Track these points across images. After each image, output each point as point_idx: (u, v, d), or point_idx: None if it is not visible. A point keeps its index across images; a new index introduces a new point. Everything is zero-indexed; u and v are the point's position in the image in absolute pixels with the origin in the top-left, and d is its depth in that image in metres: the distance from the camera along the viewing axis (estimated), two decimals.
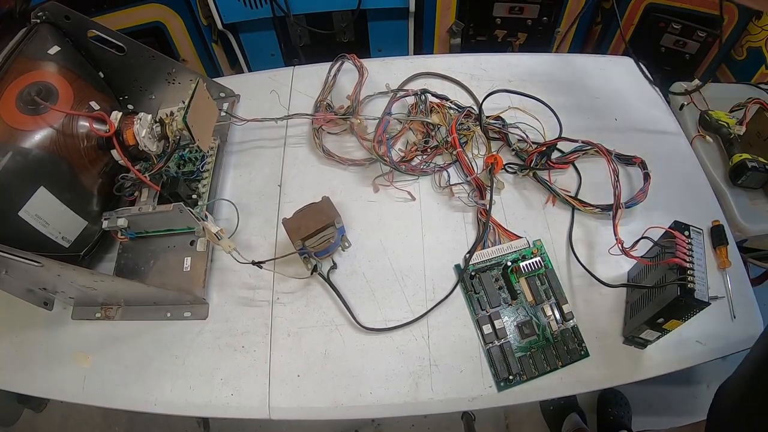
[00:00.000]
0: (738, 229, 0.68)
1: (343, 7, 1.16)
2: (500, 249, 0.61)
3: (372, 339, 0.57)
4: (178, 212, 0.57)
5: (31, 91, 0.53)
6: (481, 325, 0.57)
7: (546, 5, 1.15)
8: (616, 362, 0.55)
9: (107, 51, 0.65)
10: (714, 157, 0.74)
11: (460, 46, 1.26)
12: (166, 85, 0.71)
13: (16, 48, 0.55)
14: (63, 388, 0.57)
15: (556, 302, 0.58)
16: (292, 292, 0.61)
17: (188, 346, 0.58)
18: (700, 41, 1.10)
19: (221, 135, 0.73)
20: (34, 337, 0.60)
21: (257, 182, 0.70)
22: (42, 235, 0.53)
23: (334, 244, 0.59)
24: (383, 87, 0.77)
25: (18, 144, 0.51)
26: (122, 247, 0.64)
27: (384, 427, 1.12)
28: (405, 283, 0.61)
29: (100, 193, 0.60)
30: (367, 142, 0.71)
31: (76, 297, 0.59)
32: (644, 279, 0.56)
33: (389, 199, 0.68)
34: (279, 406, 0.54)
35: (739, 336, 0.57)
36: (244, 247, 0.64)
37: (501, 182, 0.68)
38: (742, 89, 0.83)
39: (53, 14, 0.60)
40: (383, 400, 0.54)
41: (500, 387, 0.54)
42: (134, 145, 0.58)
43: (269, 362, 0.56)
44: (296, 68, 0.83)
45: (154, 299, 0.59)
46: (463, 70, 0.81)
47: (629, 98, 0.78)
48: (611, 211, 0.62)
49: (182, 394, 0.55)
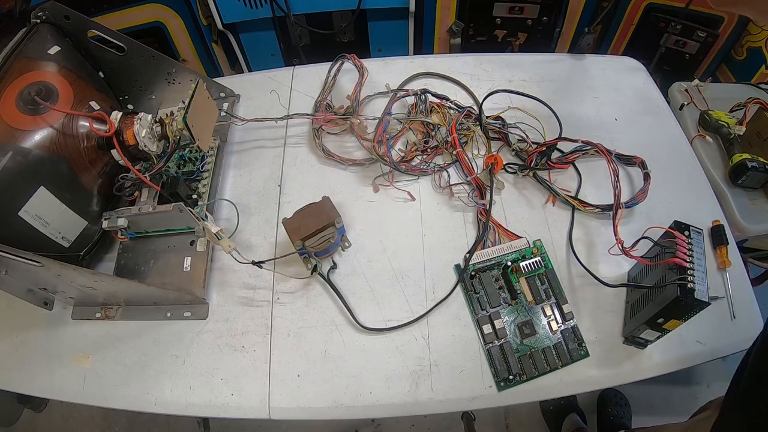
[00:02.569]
0: (738, 229, 0.68)
1: (343, 7, 1.16)
2: (500, 249, 0.61)
3: (372, 339, 0.57)
4: (178, 212, 0.57)
5: (31, 91, 0.53)
6: (481, 325, 0.57)
7: (546, 5, 1.15)
8: (616, 362, 0.55)
9: (107, 51, 0.65)
10: (714, 157, 0.74)
11: (460, 46, 1.26)
12: (166, 85, 0.71)
13: (16, 48, 0.55)
14: (63, 388, 0.57)
15: (556, 302, 0.58)
16: (292, 292, 0.61)
17: (188, 346, 0.58)
18: (700, 41, 1.10)
19: (221, 135, 0.73)
20: (34, 337, 0.60)
21: (257, 182, 0.70)
22: (42, 235, 0.53)
23: (334, 244, 0.59)
24: (383, 87, 0.77)
25: (18, 144, 0.51)
26: (122, 247, 0.64)
27: (384, 427, 1.12)
28: (405, 283, 0.61)
29: (100, 193, 0.60)
30: (367, 142, 0.71)
31: (76, 297, 0.59)
32: (644, 279, 0.56)
33: (389, 199, 0.68)
34: (279, 406, 0.54)
35: (739, 336, 0.57)
36: (244, 247, 0.64)
37: (501, 182, 0.68)
38: (742, 89, 0.84)
39: (53, 14, 0.60)
40: (383, 400, 0.54)
41: (500, 387, 0.54)
42: (134, 145, 0.58)
43: (269, 362, 0.56)
44: (296, 68, 0.83)
45: (154, 299, 0.59)
46: (463, 70, 0.81)
47: (629, 98, 0.78)
48: (611, 211, 0.62)
49: (182, 394, 0.55)
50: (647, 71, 0.82)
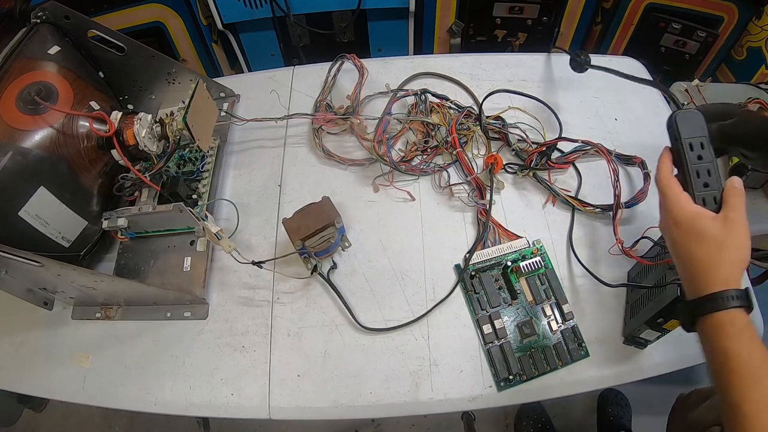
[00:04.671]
0: None
1: (343, 7, 1.16)
2: (500, 249, 0.61)
3: (372, 339, 0.57)
4: (178, 212, 0.57)
5: (31, 91, 0.53)
6: (481, 325, 0.57)
7: (546, 5, 1.15)
8: (616, 362, 0.55)
9: (107, 51, 0.65)
10: None
11: (460, 46, 1.26)
12: (166, 85, 0.71)
13: (16, 48, 0.55)
14: (63, 388, 0.57)
15: (556, 302, 0.58)
16: (292, 292, 0.61)
17: (188, 346, 0.58)
18: (700, 41, 1.10)
19: (221, 135, 0.73)
20: (34, 337, 0.60)
21: (257, 182, 0.70)
22: (42, 235, 0.53)
23: (334, 244, 0.59)
24: (383, 87, 0.77)
25: (18, 144, 0.51)
26: (122, 247, 0.64)
27: (384, 427, 1.12)
28: (405, 283, 0.61)
29: (100, 193, 0.60)
30: (367, 142, 0.71)
31: (76, 297, 0.59)
32: (644, 279, 0.56)
33: (389, 199, 0.68)
34: (279, 406, 0.54)
35: None
36: (244, 247, 0.64)
37: (501, 182, 0.68)
38: (742, 89, 0.84)
39: (53, 14, 0.60)
40: (383, 400, 0.54)
41: (500, 387, 0.54)
42: (134, 145, 0.58)
43: (269, 362, 0.56)
44: (296, 68, 0.83)
45: (154, 299, 0.59)
46: (463, 70, 0.81)
47: (629, 98, 0.78)
48: (611, 211, 0.62)
49: (182, 394, 0.55)
50: (647, 71, 0.82)
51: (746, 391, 0.35)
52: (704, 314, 0.38)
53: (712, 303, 0.38)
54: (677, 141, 0.45)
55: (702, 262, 0.40)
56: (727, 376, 0.37)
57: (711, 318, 0.38)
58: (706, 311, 0.38)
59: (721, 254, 0.39)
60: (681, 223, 0.41)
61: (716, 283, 0.38)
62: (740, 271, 0.39)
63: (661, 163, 0.46)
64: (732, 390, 0.36)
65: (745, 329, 0.37)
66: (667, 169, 0.45)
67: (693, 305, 0.40)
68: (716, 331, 0.38)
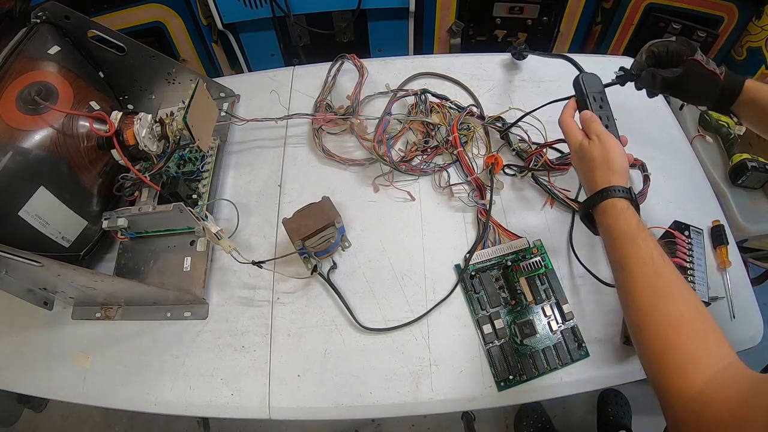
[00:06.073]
0: (738, 229, 0.68)
1: (343, 7, 1.16)
2: (500, 249, 0.61)
3: (372, 339, 0.57)
4: (178, 212, 0.57)
5: (31, 91, 0.53)
6: (481, 325, 0.57)
7: (546, 5, 1.15)
8: (616, 362, 0.55)
9: (107, 51, 0.65)
10: (714, 157, 0.74)
11: (460, 46, 1.26)
12: (166, 85, 0.71)
13: (16, 48, 0.55)
14: (63, 388, 0.57)
15: (556, 302, 0.58)
16: (292, 292, 0.61)
17: (188, 346, 0.58)
18: (700, 41, 1.10)
19: (221, 135, 0.73)
20: (34, 337, 0.60)
21: (257, 182, 0.70)
22: (42, 235, 0.53)
23: (334, 244, 0.59)
24: (383, 87, 0.77)
25: (18, 144, 0.51)
26: (122, 247, 0.64)
27: (384, 427, 1.12)
28: (405, 283, 0.61)
29: (100, 193, 0.60)
30: (367, 142, 0.71)
31: (76, 297, 0.59)
32: None
33: (389, 199, 0.68)
34: (279, 406, 0.54)
35: (739, 336, 0.57)
36: (244, 247, 0.64)
37: (501, 182, 0.68)
38: None
39: (53, 14, 0.60)
40: (383, 400, 0.54)
41: (500, 387, 0.54)
42: (134, 145, 0.58)
43: (269, 362, 0.56)
44: (296, 68, 0.83)
45: (154, 299, 0.59)
46: (463, 70, 0.81)
47: (629, 98, 0.78)
48: None
49: (182, 394, 0.55)
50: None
51: (624, 247, 0.43)
52: (594, 206, 0.47)
53: (599, 196, 0.47)
54: (583, 94, 0.55)
55: (590, 170, 0.50)
56: (612, 244, 0.45)
57: (599, 207, 0.47)
58: (595, 203, 0.47)
59: (601, 162, 0.49)
60: (575, 150, 0.52)
61: (601, 184, 0.48)
62: (618, 171, 0.48)
63: (565, 108, 0.56)
64: (615, 253, 0.44)
65: (626, 210, 0.45)
66: (568, 113, 0.55)
67: (585, 202, 0.49)
68: (603, 215, 0.46)
